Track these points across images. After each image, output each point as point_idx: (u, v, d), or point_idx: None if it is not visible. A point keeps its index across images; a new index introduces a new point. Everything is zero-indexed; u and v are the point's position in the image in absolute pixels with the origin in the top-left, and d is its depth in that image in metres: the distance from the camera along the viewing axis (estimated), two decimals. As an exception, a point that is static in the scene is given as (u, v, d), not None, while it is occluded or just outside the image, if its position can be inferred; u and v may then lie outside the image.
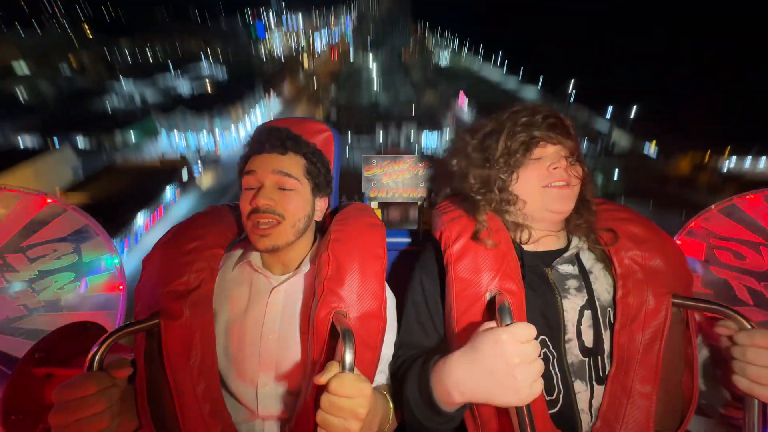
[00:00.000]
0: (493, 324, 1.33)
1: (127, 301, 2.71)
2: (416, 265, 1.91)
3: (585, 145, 59.82)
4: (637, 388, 1.53)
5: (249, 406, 1.70)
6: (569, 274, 1.73)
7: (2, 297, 2.53)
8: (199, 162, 57.19)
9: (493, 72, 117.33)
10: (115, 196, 42.50)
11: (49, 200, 2.63)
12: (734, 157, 55.64)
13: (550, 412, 1.55)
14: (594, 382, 1.62)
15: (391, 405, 1.61)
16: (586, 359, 1.63)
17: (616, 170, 54.61)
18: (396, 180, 2.56)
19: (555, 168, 1.69)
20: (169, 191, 47.12)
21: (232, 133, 66.03)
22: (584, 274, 1.73)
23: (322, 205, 1.97)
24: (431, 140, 63.87)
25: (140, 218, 41.64)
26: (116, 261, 2.73)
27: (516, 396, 1.21)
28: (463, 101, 78.28)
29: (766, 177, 51.98)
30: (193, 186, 53.66)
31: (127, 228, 39.66)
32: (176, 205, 48.85)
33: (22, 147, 55.93)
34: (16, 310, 2.55)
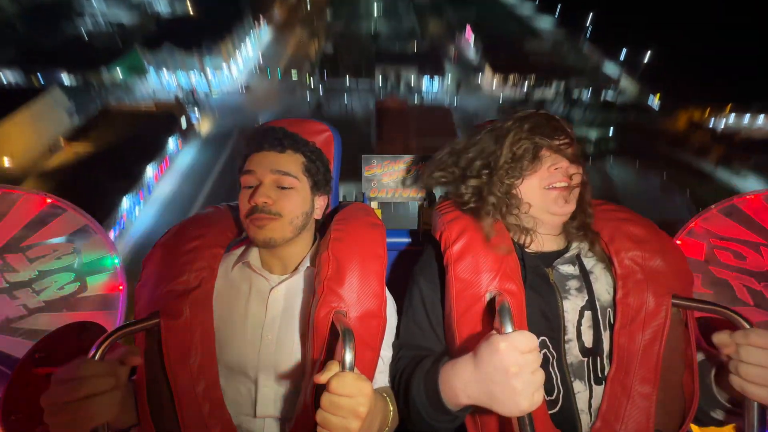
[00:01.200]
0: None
1: (127, 301, 2.72)
2: (416, 267, 1.91)
3: (589, 93, 59.67)
4: (637, 388, 1.54)
5: (252, 407, 1.71)
6: (570, 274, 1.73)
7: (2, 297, 2.53)
8: (196, 108, 56.56)
9: None
10: (119, 145, 42.85)
11: (49, 200, 2.62)
12: (733, 115, 54.38)
13: (550, 412, 1.56)
14: (593, 382, 1.62)
15: (391, 406, 1.61)
16: (585, 359, 1.63)
17: (611, 128, 53.38)
18: (396, 180, 2.55)
19: (556, 168, 1.69)
20: (171, 142, 47.64)
21: (225, 72, 64.32)
22: (585, 275, 1.73)
23: (321, 203, 1.97)
24: (432, 86, 62.16)
25: (149, 170, 42.73)
26: (116, 261, 2.72)
27: (516, 406, 1.21)
28: (469, 36, 76.11)
29: (759, 135, 51.62)
30: (193, 134, 53.61)
31: (139, 181, 40.76)
32: (180, 155, 49.35)
33: (5, 82, 56.43)
34: (16, 310, 2.55)
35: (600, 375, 1.63)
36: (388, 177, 2.56)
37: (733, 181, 45.91)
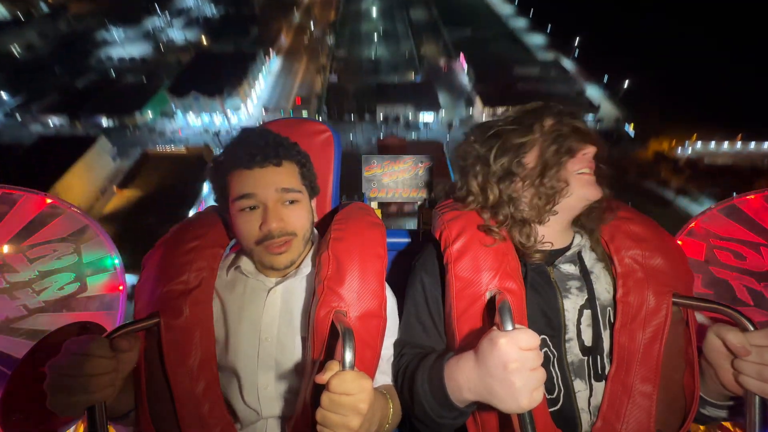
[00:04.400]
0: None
1: (127, 301, 2.72)
2: (416, 263, 1.91)
3: None
4: (638, 387, 1.53)
5: (252, 407, 1.70)
6: (571, 273, 1.72)
7: (2, 297, 2.53)
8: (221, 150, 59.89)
9: (503, 5, 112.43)
10: (163, 189, 47.80)
11: (48, 200, 2.63)
12: (699, 143, 57.13)
13: (550, 410, 1.56)
14: (593, 381, 1.62)
15: (392, 404, 1.61)
16: (586, 358, 1.63)
17: None
18: (396, 180, 2.56)
19: (584, 154, 1.67)
20: (205, 186, 50.74)
21: (242, 113, 69.05)
22: (585, 274, 1.72)
23: (314, 204, 1.95)
24: (428, 121, 64.89)
25: (191, 214, 44.11)
26: (116, 261, 2.72)
27: (515, 403, 1.20)
28: (463, 63, 77.89)
29: (722, 161, 54.86)
30: None
31: None
32: (211, 196, 51.75)
33: (51, 126, 62.29)
34: (16, 310, 2.55)
35: (600, 374, 1.62)
36: (388, 177, 2.56)
37: (690, 207, 48.80)
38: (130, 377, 1.57)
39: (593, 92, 69.97)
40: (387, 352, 1.76)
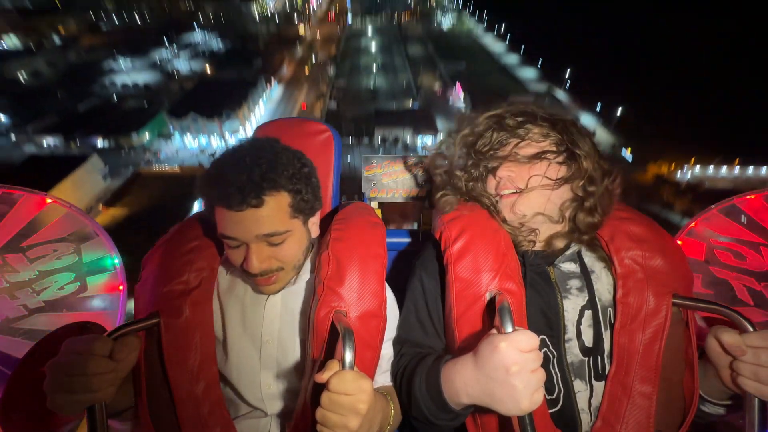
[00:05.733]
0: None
1: (127, 301, 2.71)
2: (416, 262, 1.91)
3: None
4: (638, 388, 1.53)
5: (256, 406, 1.71)
6: (571, 272, 1.72)
7: (2, 297, 2.53)
8: None
9: (495, 44, 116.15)
10: (151, 208, 47.28)
11: (48, 200, 2.63)
12: (698, 167, 57.97)
13: (550, 411, 1.56)
14: (593, 381, 1.62)
15: (392, 405, 1.61)
16: (586, 359, 1.63)
17: None
18: (396, 180, 2.55)
19: (507, 175, 1.70)
20: (196, 205, 49.19)
21: (240, 134, 68.11)
22: (586, 273, 1.72)
23: (316, 220, 1.80)
24: (426, 142, 64.76)
25: None
26: (116, 261, 2.72)
27: (516, 405, 1.20)
28: (459, 91, 78.97)
29: (722, 185, 55.17)
30: None
31: None
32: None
33: (45, 146, 62.50)
34: (16, 310, 2.55)
35: (601, 374, 1.62)
36: (388, 177, 2.56)
37: None
38: (129, 376, 1.56)
39: (587, 120, 70.62)
40: (387, 351, 1.76)
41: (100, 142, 62.35)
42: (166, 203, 46.84)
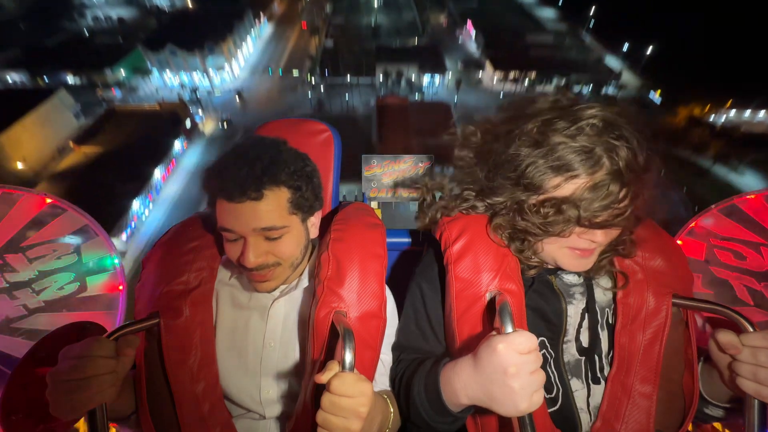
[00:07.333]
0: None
1: (127, 301, 2.72)
2: (416, 269, 1.90)
3: (590, 90, 58.86)
4: (638, 388, 1.54)
5: (255, 410, 1.72)
6: (574, 283, 1.71)
7: (2, 297, 2.54)
8: (200, 109, 57.46)
9: None
10: (126, 146, 44.46)
11: (48, 200, 2.63)
12: (733, 111, 54.38)
13: (549, 410, 1.56)
14: (590, 381, 1.62)
15: (392, 408, 1.61)
16: (582, 358, 1.63)
17: None
18: (396, 180, 2.54)
19: (584, 236, 1.48)
20: (177, 143, 48.86)
21: (226, 72, 65.13)
22: (587, 280, 1.71)
23: (315, 220, 1.80)
24: (433, 83, 62.27)
25: (157, 172, 44.51)
26: (116, 261, 2.73)
27: (514, 406, 1.20)
28: (471, 30, 75.65)
29: (759, 130, 51.68)
30: (198, 134, 54.69)
31: (147, 183, 42.37)
32: (185, 155, 50.82)
33: (11, 83, 58.50)
34: (16, 310, 2.56)
35: (598, 374, 1.62)
36: (388, 177, 2.54)
37: (729, 177, 45.98)
38: (130, 379, 1.58)
39: (613, 62, 67.81)
40: (387, 356, 1.77)
41: (70, 79, 59.24)
42: (144, 141, 45.42)
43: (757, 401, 1.37)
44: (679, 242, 2.60)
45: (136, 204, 39.19)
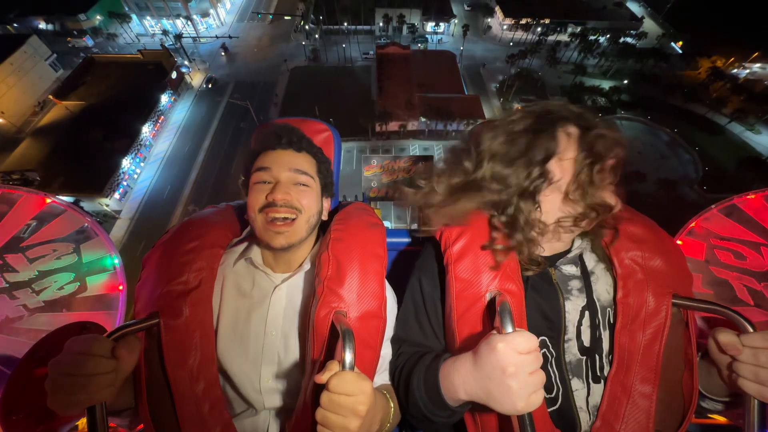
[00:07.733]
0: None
1: (127, 301, 2.72)
2: (416, 263, 1.92)
3: (607, 39, 56.06)
4: (637, 388, 1.55)
5: (254, 401, 1.73)
6: (572, 275, 1.72)
7: (2, 297, 2.54)
8: (186, 60, 55.08)
9: None
10: (112, 100, 43.19)
11: (48, 200, 2.63)
12: (758, 64, 52.23)
13: (549, 409, 1.57)
14: (591, 381, 1.63)
15: (392, 404, 1.63)
16: (584, 358, 1.64)
17: (626, 79, 50.56)
18: (396, 180, 2.52)
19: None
20: (164, 97, 46.99)
21: (212, 19, 61.54)
22: (586, 276, 1.73)
23: (327, 205, 2.00)
24: (437, 31, 59.19)
25: (146, 129, 43.17)
26: (116, 261, 2.72)
27: (512, 406, 1.21)
28: None
29: None
30: (185, 86, 52.49)
31: (136, 140, 41.22)
32: (174, 110, 49.10)
33: None
34: (16, 310, 2.56)
35: (598, 374, 1.63)
36: (388, 177, 2.53)
37: (745, 135, 44.50)
38: (129, 376, 1.57)
39: (634, 7, 64.45)
40: (387, 351, 1.78)
41: (42, 25, 55.76)
42: (129, 94, 43.95)
43: (757, 401, 1.38)
44: (679, 242, 2.60)
45: (126, 162, 38.24)
